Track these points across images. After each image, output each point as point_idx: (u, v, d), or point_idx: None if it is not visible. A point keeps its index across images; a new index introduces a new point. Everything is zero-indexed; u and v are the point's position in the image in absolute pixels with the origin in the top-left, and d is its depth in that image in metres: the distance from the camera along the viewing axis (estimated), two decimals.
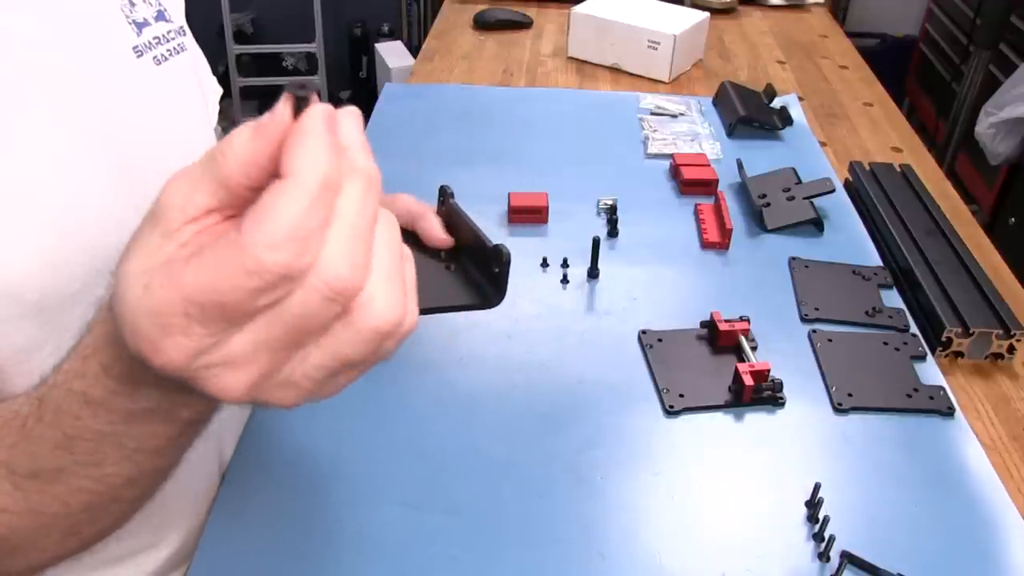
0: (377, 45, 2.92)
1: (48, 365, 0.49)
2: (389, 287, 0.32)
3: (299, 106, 0.31)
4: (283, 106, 0.31)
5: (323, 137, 0.31)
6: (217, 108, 0.71)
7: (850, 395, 0.73)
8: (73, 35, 0.50)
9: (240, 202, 0.31)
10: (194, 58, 0.64)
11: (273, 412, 0.68)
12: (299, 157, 0.30)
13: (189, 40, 0.63)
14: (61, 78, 0.49)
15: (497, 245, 0.52)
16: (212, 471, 0.66)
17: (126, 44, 0.55)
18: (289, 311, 0.30)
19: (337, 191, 0.31)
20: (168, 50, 0.58)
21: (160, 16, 0.59)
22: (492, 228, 0.93)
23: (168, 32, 0.59)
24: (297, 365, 0.32)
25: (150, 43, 0.57)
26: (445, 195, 0.58)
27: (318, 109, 0.31)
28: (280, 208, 0.29)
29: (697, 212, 0.96)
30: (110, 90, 0.52)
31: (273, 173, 0.30)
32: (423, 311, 0.44)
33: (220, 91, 0.71)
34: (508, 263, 0.51)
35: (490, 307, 0.53)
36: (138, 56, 0.55)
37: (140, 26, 0.56)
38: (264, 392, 0.32)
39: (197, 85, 0.64)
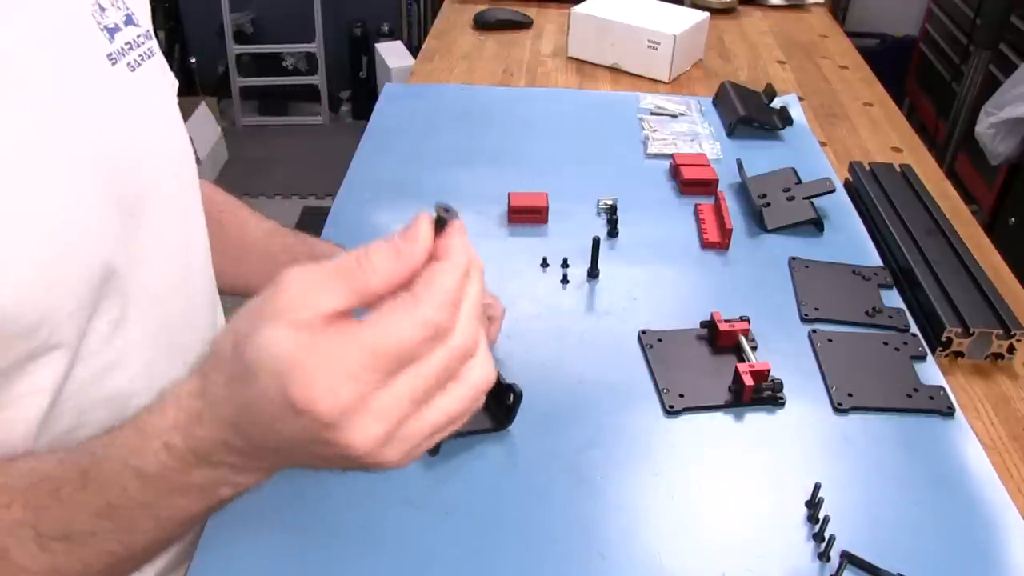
0: (377, 45, 2.92)
1: (47, 379, 0.49)
2: (486, 356, 0.39)
3: (439, 223, 0.38)
4: (426, 228, 0.37)
5: (466, 239, 0.38)
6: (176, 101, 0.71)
7: (850, 395, 0.73)
8: (49, 46, 0.49)
9: (364, 305, 0.36)
10: (159, 54, 0.62)
11: None
12: (455, 249, 0.38)
13: (154, 43, 0.62)
14: (42, 91, 0.48)
15: (510, 384, 0.64)
16: None
17: (100, 52, 0.54)
18: (431, 366, 0.36)
19: (469, 277, 0.38)
20: (140, 55, 0.57)
21: (129, 20, 0.58)
22: (492, 228, 0.93)
23: (138, 37, 0.58)
24: (415, 422, 0.37)
25: (123, 49, 0.56)
26: None
27: (460, 222, 0.38)
28: (442, 282, 0.36)
29: (697, 212, 0.96)
30: (91, 100, 0.51)
31: (413, 276, 0.37)
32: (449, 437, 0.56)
33: (176, 83, 0.70)
34: (519, 399, 0.64)
35: (499, 431, 0.67)
36: (112, 64, 0.54)
37: (112, 32, 0.55)
38: (384, 447, 0.36)
39: (168, 88, 0.63)
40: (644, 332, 0.78)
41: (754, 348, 0.77)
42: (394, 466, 0.38)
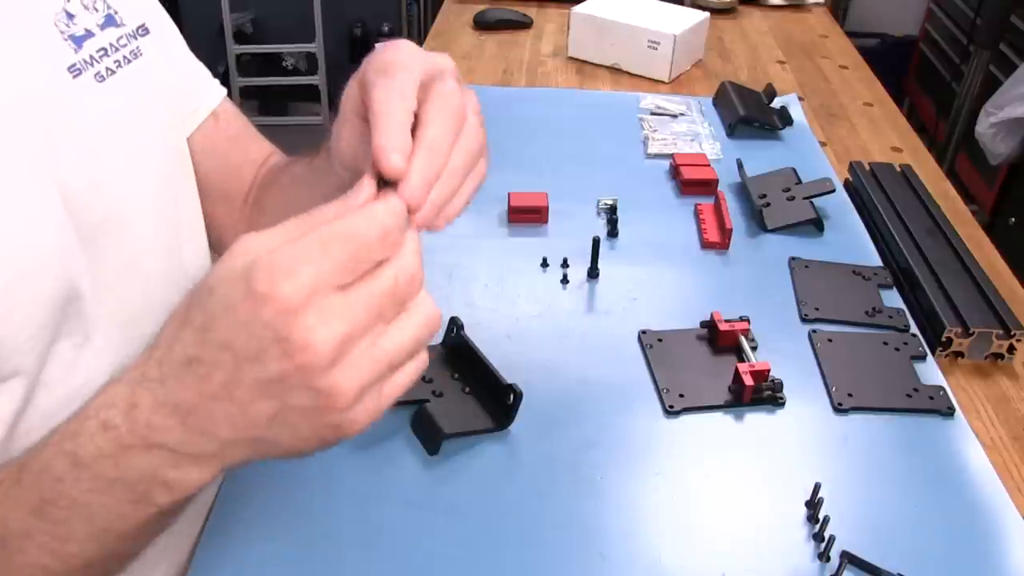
0: (377, 45, 2.92)
1: (4, 408, 0.47)
2: (430, 299, 0.40)
3: (382, 183, 0.41)
4: (369, 183, 0.40)
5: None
6: (208, 93, 0.67)
7: (850, 395, 0.73)
8: (1, 61, 0.47)
9: None
10: (161, 51, 0.59)
11: None
12: (396, 198, 0.40)
13: (153, 38, 0.58)
14: None
15: (510, 384, 0.65)
16: (208, 491, 0.64)
17: (61, 64, 0.50)
18: (383, 281, 0.37)
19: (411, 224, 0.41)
20: (116, 61, 0.54)
21: (109, 21, 0.54)
22: (492, 228, 0.93)
23: (118, 39, 0.54)
24: (368, 347, 0.37)
25: (92, 58, 0.52)
26: (456, 326, 0.71)
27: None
28: (390, 202, 0.39)
29: (697, 212, 0.96)
30: (45, 119, 0.48)
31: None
32: (451, 435, 0.65)
33: (208, 75, 0.67)
34: (520, 399, 0.65)
35: (499, 430, 0.67)
36: (75, 76, 0.51)
37: (80, 40, 0.52)
38: (341, 364, 0.36)
39: (155, 92, 0.58)
40: (644, 332, 0.78)
41: (754, 348, 0.77)
42: (350, 404, 0.37)
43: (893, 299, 0.85)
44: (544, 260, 0.87)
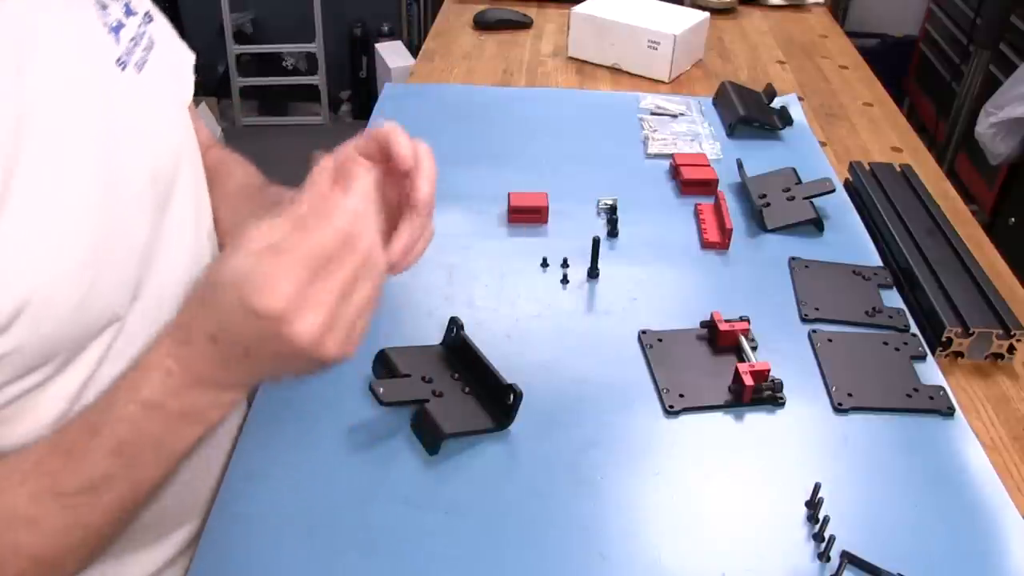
0: (377, 45, 2.92)
1: (55, 408, 0.51)
2: (380, 250, 0.48)
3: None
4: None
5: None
6: (192, 78, 0.68)
7: (850, 395, 0.73)
8: (64, 62, 0.49)
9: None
10: (162, 36, 0.61)
11: (271, 412, 0.68)
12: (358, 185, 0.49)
13: (156, 24, 0.60)
14: (62, 120, 0.48)
15: (510, 384, 0.66)
16: (214, 473, 0.65)
17: (110, 58, 0.53)
18: (348, 268, 0.45)
19: (369, 204, 0.49)
20: (144, 49, 0.56)
21: (128, 11, 0.56)
22: (492, 228, 0.93)
23: (138, 27, 0.57)
24: (343, 310, 0.45)
25: (129, 49, 0.55)
26: (456, 326, 0.72)
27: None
28: (348, 204, 0.47)
29: (697, 212, 0.96)
30: (105, 115, 0.51)
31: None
32: (451, 435, 0.65)
33: (192, 57, 0.68)
34: (520, 399, 0.66)
35: (499, 430, 0.68)
36: (122, 69, 0.53)
37: (116, 31, 0.54)
38: (325, 336, 0.44)
39: (171, 77, 0.62)
40: (644, 332, 0.78)
41: (754, 348, 0.77)
42: (337, 355, 0.45)
43: (893, 299, 0.85)
44: (544, 260, 0.87)
